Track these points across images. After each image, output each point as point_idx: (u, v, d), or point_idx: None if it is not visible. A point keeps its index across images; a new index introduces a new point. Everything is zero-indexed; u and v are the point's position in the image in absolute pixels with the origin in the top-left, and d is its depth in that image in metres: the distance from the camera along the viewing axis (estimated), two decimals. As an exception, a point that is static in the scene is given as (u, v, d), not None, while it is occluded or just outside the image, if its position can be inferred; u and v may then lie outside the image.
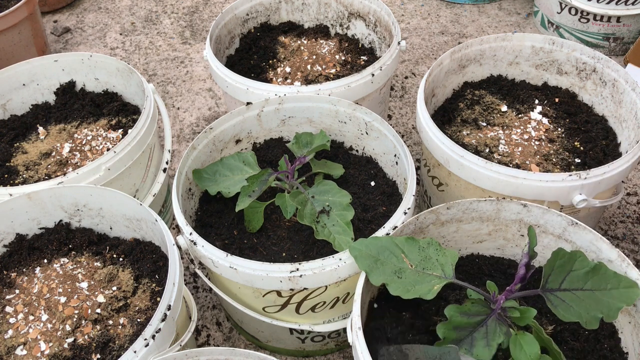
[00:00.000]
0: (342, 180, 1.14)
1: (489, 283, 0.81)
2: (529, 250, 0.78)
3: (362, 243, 0.87)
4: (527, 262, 0.77)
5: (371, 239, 0.87)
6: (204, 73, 1.92)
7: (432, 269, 0.84)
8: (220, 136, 1.17)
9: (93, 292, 0.95)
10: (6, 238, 1.04)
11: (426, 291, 0.81)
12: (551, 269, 0.80)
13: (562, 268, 0.79)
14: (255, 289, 0.96)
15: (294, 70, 1.41)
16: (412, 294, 0.81)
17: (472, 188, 1.07)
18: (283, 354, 1.19)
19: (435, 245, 0.86)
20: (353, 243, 0.88)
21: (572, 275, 0.80)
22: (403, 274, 0.83)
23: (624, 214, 1.42)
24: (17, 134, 1.30)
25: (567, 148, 1.17)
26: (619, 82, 1.18)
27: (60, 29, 2.13)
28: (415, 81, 1.85)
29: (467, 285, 0.81)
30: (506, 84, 1.33)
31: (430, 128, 1.10)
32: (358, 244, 0.87)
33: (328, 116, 1.20)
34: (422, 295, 0.81)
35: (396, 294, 0.81)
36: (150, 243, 1.04)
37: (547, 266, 0.80)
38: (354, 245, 0.87)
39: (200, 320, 1.26)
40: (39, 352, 0.87)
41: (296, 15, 1.60)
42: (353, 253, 0.87)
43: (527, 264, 0.77)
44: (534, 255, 0.78)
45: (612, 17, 1.75)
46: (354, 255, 0.86)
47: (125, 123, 1.30)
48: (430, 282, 0.82)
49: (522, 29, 2.04)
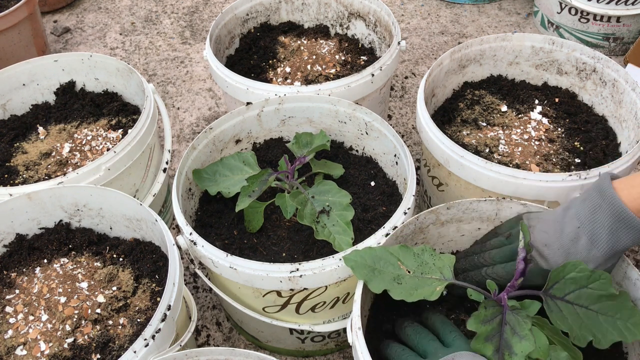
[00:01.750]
0: (342, 180, 1.14)
1: (489, 282, 0.81)
2: (524, 244, 0.79)
3: (357, 254, 0.86)
4: (525, 256, 0.77)
5: (365, 249, 0.86)
6: (204, 73, 1.92)
7: (430, 273, 0.84)
8: (220, 136, 1.17)
9: (93, 292, 0.95)
10: (6, 238, 1.04)
11: (429, 293, 0.81)
12: (561, 277, 0.79)
13: (575, 281, 0.78)
14: (255, 289, 0.96)
15: (294, 70, 1.41)
16: (416, 296, 0.81)
17: (472, 188, 1.07)
18: (283, 354, 1.19)
19: (429, 251, 0.86)
20: (347, 254, 0.86)
21: (585, 292, 0.78)
22: (403, 280, 0.83)
23: (624, 214, 1.42)
24: (17, 134, 1.30)
25: (567, 148, 1.17)
26: (619, 82, 1.18)
27: (60, 29, 2.13)
28: (415, 81, 1.85)
29: (467, 285, 0.81)
30: (506, 84, 1.33)
31: (430, 128, 1.10)
32: (353, 255, 0.86)
33: (328, 116, 1.20)
34: (426, 297, 0.81)
35: (399, 298, 0.81)
36: (150, 243, 1.04)
37: (556, 273, 0.79)
38: (348, 256, 0.86)
39: (200, 320, 1.26)
40: (38, 352, 0.87)
41: (296, 15, 1.60)
42: (349, 264, 0.85)
43: (525, 258, 0.77)
44: (530, 249, 0.78)
45: (612, 17, 1.75)
46: (350, 266, 0.85)
47: (125, 123, 1.30)
48: (432, 285, 0.82)
49: (522, 29, 2.04)
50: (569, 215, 0.81)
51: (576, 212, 0.80)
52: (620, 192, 0.76)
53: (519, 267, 0.77)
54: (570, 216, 0.80)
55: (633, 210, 0.75)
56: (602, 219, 0.77)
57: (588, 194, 0.80)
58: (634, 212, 0.75)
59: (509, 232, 0.90)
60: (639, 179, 0.76)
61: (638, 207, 0.75)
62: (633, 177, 0.77)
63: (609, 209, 0.76)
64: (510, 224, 0.93)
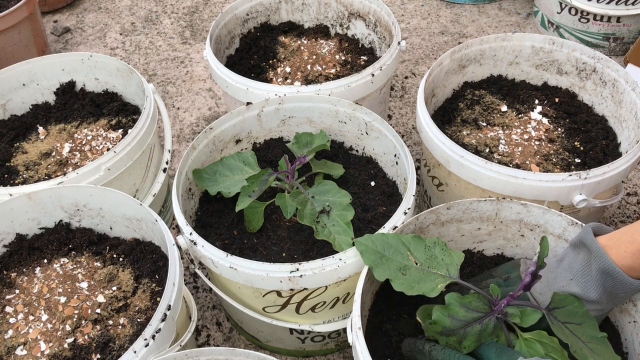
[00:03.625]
0: (342, 180, 1.14)
1: (492, 287, 0.81)
2: (538, 260, 0.76)
3: (369, 239, 0.87)
4: (535, 271, 0.76)
5: (378, 235, 0.87)
6: (204, 73, 1.92)
7: (437, 268, 0.84)
8: (220, 136, 1.17)
9: (93, 292, 0.95)
10: (6, 238, 1.04)
11: (430, 289, 0.81)
12: (562, 305, 0.79)
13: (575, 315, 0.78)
14: (255, 289, 0.96)
15: (294, 70, 1.41)
16: (416, 290, 0.81)
17: (472, 188, 1.07)
18: (283, 354, 1.19)
19: (441, 245, 0.86)
20: (359, 238, 0.88)
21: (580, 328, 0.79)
22: (408, 271, 0.83)
23: (624, 214, 1.42)
24: (17, 134, 1.30)
25: (567, 148, 1.17)
26: (619, 82, 1.18)
27: (60, 29, 2.13)
28: (415, 81, 1.85)
29: (470, 286, 0.81)
30: (506, 84, 1.33)
31: (430, 128, 1.10)
32: (364, 240, 0.87)
33: (328, 116, 1.20)
34: (425, 293, 0.81)
35: (400, 289, 0.81)
36: (150, 243, 1.04)
37: (560, 299, 0.79)
38: (361, 240, 0.87)
39: (200, 320, 1.26)
40: (39, 352, 0.87)
41: (296, 15, 1.60)
42: (359, 248, 0.86)
43: (534, 272, 0.76)
44: (542, 265, 0.76)
45: (612, 17, 1.75)
46: (360, 250, 0.86)
47: (125, 123, 1.30)
48: (435, 281, 0.82)
49: (522, 29, 2.04)
50: (562, 266, 0.81)
51: (569, 264, 0.80)
52: (609, 251, 0.75)
53: (525, 279, 0.75)
54: (564, 268, 0.81)
55: (623, 269, 0.74)
56: (593, 274, 0.77)
57: (578, 247, 0.80)
58: (624, 270, 0.74)
59: (507, 276, 0.89)
60: (626, 235, 0.75)
61: (628, 264, 0.74)
62: (620, 234, 0.76)
63: (598, 267, 0.76)
64: (507, 268, 0.92)
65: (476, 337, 0.77)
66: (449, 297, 0.78)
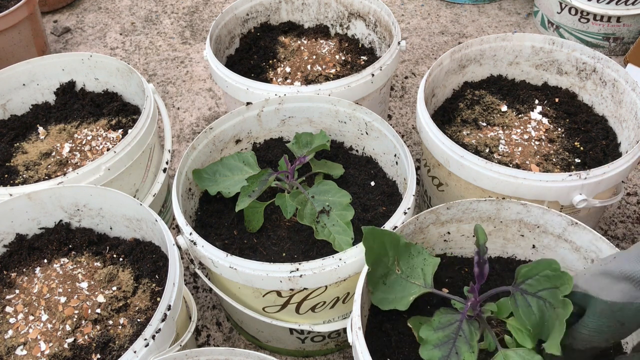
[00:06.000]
0: (342, 180, 1.14)
1: (465, 289, 0.81)
2: (479, 247, 0.77)
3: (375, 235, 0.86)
4: (478, 259, 0.76)
5: (383, 231, 0.87)
6: (204, 73, 1.92)
7: (415, 278, 0.87)
8: (220, 136, 1.17)
9: (93, 292, 0.95)
10: (6, 238, 1.04)
11: (403, 304, 0.84)
12: (534, 274, 0.77)
13: (549, 280, 0.76)
14: (255, 289, 0.96)
15: (294, 70, 1.41)
16: (389, 306, 0.85)
17: (472, 188, 1.07)
18: (283, 354, 1.19)
19: (424, 255, 0.88)
20: (367, 228, 0.86)
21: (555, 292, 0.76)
22: (388, 280, 0.86)
23: (624, 214, 1.42)
24: (17, 134, 1.30)
25: (567, 148, 1.17)
26: (619, 82, 1.18)
27: (60, 29, 2.13)
28: (415, 81, 1.85)
29: (442, 294, 0.84)
30: (506, 84, 1.33)
31: (430, 128, 1.10)
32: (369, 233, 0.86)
33: (328, 116, 1.20)
34: (397, 307, 0.84)
35: (375, 303, 0.85)
36: (150, 243, 1.04)
37: (528, 269, 0.78)
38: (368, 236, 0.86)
39: (200, 320, 1.26)
40: (39, 352, 0.87)
41: (296, 15, 1.60)
42: (366, 244, 0.86)
43: (479, 261, 0.76)
44: (484, 251, 0.76)
45: (612, 17, 1.75)
46: (367, 246, 0.86)
47: (125, 123, 1.30)
48: (410, 292, 0.85)
49: (522, 29, 2.04)
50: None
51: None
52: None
53: (475, 270, 0.76)
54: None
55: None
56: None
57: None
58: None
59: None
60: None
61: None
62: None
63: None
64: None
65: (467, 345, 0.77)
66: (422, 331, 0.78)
